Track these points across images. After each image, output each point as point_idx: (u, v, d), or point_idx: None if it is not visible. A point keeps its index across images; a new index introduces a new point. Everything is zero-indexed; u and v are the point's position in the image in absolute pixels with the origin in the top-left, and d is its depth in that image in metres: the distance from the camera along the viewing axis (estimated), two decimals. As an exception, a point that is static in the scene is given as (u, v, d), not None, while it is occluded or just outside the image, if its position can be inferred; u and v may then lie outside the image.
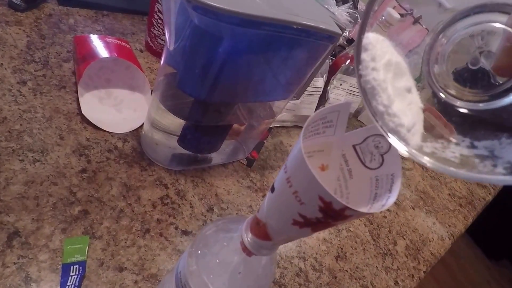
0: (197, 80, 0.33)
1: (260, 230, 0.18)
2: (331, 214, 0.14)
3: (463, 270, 2.07)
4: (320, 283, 0.44)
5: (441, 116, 0.17)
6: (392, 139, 0.15)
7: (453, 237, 0.65)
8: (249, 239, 0.19)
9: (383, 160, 0.16)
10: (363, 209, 0.13)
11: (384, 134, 0.16)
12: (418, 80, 0.18)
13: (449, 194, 0.77)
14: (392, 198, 0.15)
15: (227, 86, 0.36)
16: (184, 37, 0.30)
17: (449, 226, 0.68)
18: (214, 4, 0.27)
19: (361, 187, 0.17)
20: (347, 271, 0.48)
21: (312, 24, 0.33)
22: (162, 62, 0.35)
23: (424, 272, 0.55)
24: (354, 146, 0.17)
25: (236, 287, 0.21)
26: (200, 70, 0.32)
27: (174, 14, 0.29)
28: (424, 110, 0.17)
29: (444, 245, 0.63)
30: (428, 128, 0.17)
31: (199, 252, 0.23)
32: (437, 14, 0.17)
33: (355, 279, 0.47)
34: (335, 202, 0.13)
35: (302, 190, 0.14)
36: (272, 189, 0.17)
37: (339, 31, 0.36)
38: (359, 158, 0.17)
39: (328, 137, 0.17)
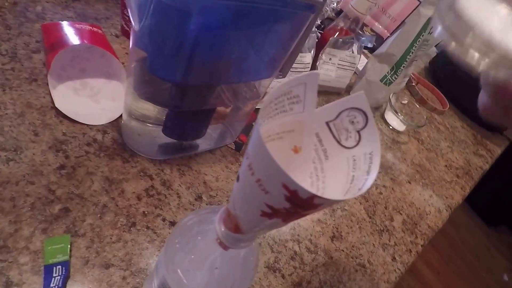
0: (169, 62, 0.31)
1: (232, 222, 0.17)
2: (298, 204, 0.12)
3: (462, 238, 2.11)
4: (316, 265, 0.44)
5: None
6: None
7: (451, 209, 0.65)
8: (222, 233, 0.18)
9: (360, 137, 0.14)
10: (335, 196, 0.11)
11: None
12: None
13: (446, 166, 0.76)
14: (369, 181, 0.13)
15: (203, 67, 0.33)
16: (148, 14, 0.27)
17: (446, 198, 0.67)
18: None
19: (337, 169, 0.15)
20: (343, 251, 0.47)
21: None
22: (130, 46, 0.33)
23: (421, 246, 0.54)
24: (327, 123, 0.15)
25: (213, 283, 0.20)
26: (170, 50, 0.29)
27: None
28: None
29: (441, 217, 0.62)
30: None
31: (177, 245, 0.22)
32: None
33: (352, 258, 0.47)
34: (301, 190, 0.11)
35: (265, 178, 0.12)
36: (238, 178, 0.15)
37: None
38: (334, 136, 0.15)
39: (297, 115, 0.15)
